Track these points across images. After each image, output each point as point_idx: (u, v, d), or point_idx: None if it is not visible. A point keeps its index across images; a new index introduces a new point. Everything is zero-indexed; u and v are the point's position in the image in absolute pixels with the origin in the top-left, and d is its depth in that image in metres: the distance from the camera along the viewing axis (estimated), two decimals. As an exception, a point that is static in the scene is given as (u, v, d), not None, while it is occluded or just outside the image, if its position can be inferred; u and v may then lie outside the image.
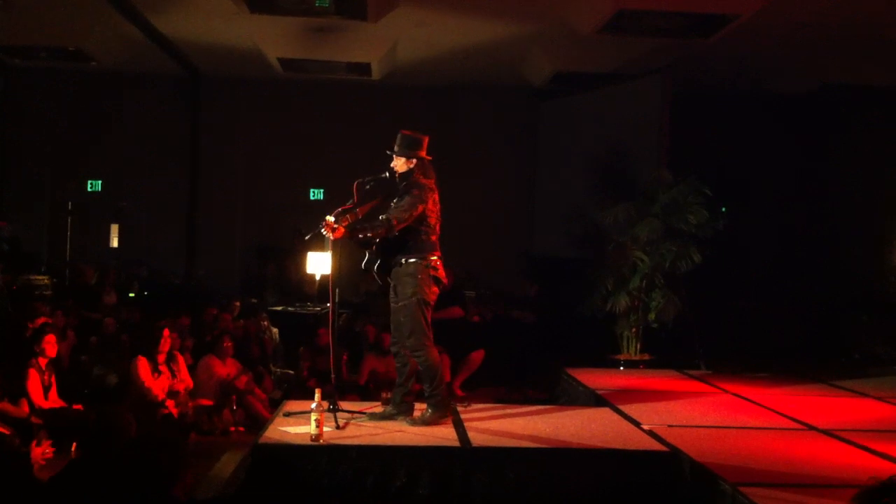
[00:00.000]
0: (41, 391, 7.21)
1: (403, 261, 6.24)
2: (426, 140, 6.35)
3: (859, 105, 12.77)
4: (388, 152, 6.33)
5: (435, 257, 6.28)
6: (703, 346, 9.81)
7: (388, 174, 6.30)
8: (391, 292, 6.37)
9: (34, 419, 6.88)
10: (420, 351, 6.23)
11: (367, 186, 6.28)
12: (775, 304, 11.73)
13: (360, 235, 6.12)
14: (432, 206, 6.27)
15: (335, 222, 5.97)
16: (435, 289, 6.30)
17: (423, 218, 6.20)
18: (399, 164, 6.29)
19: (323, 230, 5.98)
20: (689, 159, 10.62)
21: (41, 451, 6.30)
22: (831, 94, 12.72)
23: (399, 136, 6.33)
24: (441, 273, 6.32)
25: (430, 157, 6.36)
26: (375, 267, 6.30)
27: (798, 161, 13.41)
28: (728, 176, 11.30)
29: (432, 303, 6.30)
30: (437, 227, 6.34)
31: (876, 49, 10.94)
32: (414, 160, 6.27)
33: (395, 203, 6.22)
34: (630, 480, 5.51)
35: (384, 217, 6.09)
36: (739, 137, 13.02)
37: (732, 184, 11.37)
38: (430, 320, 6.27)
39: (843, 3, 9.41)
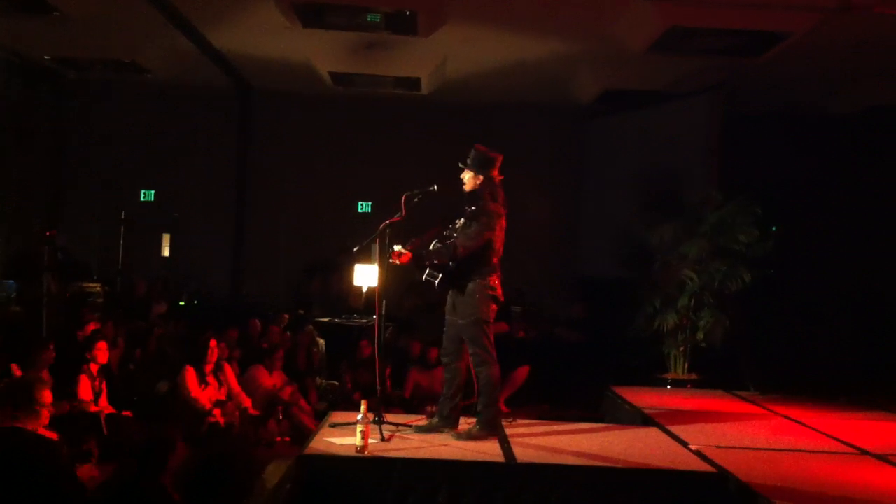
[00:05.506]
0: (92, 397, 7.33)
1: (465, 280, 6.26)
2: (499, 159, 6.36)
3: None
4: (459, 164, 6.34)
5: (495, 278, 6.32)
6: (752, 366, 9.66)
7: (435, 187, 6.31)
8: (449, 306, 6.39)
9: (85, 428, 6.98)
10: (483, 367, 6.26)
11: (416, 199, 6.31)
12: (827, 326, 11.51)
13: (427, 262, 6.19)
14: (499, 231, 6.30)
15: (402, 248, 6.08)
16: (494, 307, 6.34)
17: (488, 243, 6.23)
18: (467, 178, 6.31)
19: (391, 259, 6.12)
20: (740, 179, 10.48)
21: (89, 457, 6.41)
22: (885, 116, 12.50)
23: (473, 151, 6.34)
24: (499, 292, 6.37)
25: (500, 177, 6.35)
26: (437, 282, 6.30)
27: (850, 182, 13.19)
28: (779, 196, 11.14)
29: (492, 320, 6.34)
30: (500, 250, 6.37)
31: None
32: (482, 177, 6.28)
33: (462, 226, 6.25)
34: (677, 501, 5.44)
35: (451, 245, 6.16)
36: (790, 158, 12.83)
37: (783, 204, 11.21)
38: (492, 338, 6.30)
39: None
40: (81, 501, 4.82)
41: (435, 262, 6.19)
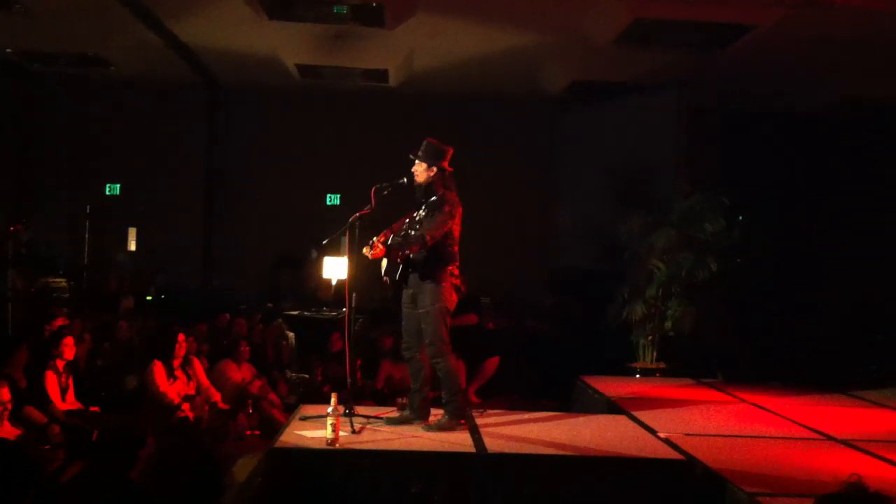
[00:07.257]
0: (58, 393, 7.25)
1: (426, 270, 6.26)
2: (450, 151, 6.38)
3: (882, 121, 12.65)
4: (410, 156, 6.35)
5: (455, 267, 6.34)
6: (719, 355, 9.76)
7: (405, 180, 6.32)
8: (408, 299, 6.39)
9: (52, 424, 6.90)
10: (440, 358, 6.26)
11: (385, 192, 6.31)
12: (793, 316, 11.63)
13: (400, 253, 6.18)
14: (458, 220, 6.32)
15: (377, 241, 6.09)
16: (455, 297, 6.35)
17: (449, 231, 6.25)
18: (420, 170, 6.31)
19: (364, 251, 6.11)
20: (708, 171, 10.55)
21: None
22: (852, 109, 12.61)
23: (424, 143, 6.36)
24: (460, 282, 6.36)
25: (451, 169, 6.38)
26: (397, 275, 6.31)
27: (818, 176, 13.30)
28: (747, 188, 11.23)
29: (452, 311, 6.34)
30: (458, 238, 6.38)
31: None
32: (434, 169, 6.30)
33: (424, 217, 6.26)
34: (645, 488, 5.48)
35: (418, 234, 6.14)
36: (759, 151, 12.91)
37: (753, 196, 11.30)
38: (449, 328, 6.31)
39: (865, 17, 9.34)
40: (52, 492, 4.79)
41: (406, 251, 6.17)
